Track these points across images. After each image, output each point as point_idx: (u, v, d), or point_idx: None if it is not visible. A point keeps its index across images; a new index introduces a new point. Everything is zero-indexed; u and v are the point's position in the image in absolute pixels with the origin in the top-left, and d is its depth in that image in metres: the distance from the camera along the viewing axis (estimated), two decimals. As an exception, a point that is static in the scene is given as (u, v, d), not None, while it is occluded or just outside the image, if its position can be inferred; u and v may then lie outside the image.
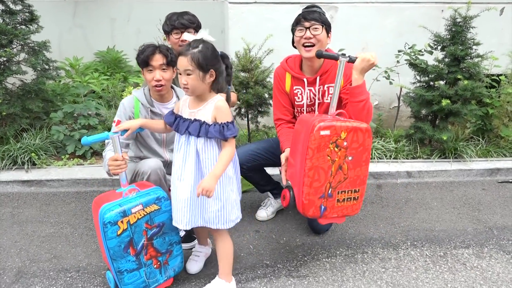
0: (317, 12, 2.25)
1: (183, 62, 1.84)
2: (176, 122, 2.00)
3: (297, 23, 2.28)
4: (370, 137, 2.08)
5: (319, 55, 2.22)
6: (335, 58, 2.20)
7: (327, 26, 2.27)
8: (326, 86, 2.39)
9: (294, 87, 2.44)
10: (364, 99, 2.14)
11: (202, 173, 1.96)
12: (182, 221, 1.99)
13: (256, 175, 2.68)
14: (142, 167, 2.21)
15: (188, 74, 1.85)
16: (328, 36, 2.29)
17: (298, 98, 2.45)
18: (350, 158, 2.05)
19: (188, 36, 1.96)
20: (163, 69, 2.22)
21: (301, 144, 2.05)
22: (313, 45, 2.25)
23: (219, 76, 1.92)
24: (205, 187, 1.83)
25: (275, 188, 2.86)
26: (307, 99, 2.43)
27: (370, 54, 2.09)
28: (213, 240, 2.20)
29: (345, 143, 2.02)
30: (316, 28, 2.23)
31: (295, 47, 2.37)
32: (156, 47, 2.20)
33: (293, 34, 2.33)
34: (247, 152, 2.55)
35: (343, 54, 2.15)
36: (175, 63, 2.18)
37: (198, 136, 1.91)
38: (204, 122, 1.91)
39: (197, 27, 2.60)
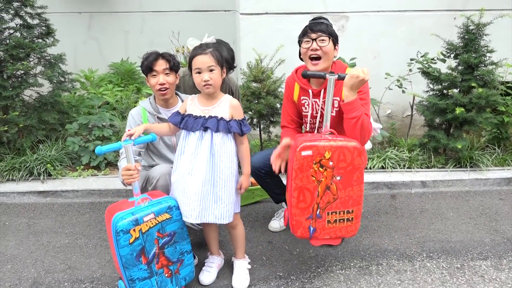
0: (324, 23, 2.21)
1: (205, 59, 1.98)
2: (184, 121, 2.08)
3: (303, 34, 2.25)
4: (360, 156, 2.01)
5: (304, 76, 2.21)
6: (322, 77, 2.18)
7: (334, 38, 2.23)
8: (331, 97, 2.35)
9: (302, 97, 2.42)
10: (355, 116, 2.09)
11: (215, 167, 2.04)
12: (192, 215, 2.03)
13: (273, 181, 2.62)
14: (152, 172, 2.26)
15: (211, 70, 2.00)
16: (335, 48, 2.25)
17: (305, 108, 2.42)
18: (338, 178, 2.01)
19: (193, 41, 2.04)
20: (167, 73, 2.30)
21: (289, 164, 2.08)
22: (319, 58, 2.21)
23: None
24: (246, 187, 2.13)
25: None
26: (313, 110, 2.39)
27: (360, 70, 2.04)
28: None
29: (330, 163, 1.99)
30: (323, 40, 2.19)
31: (301, 59, 2.35)
32: (159, 53, 2.30)
33: (300, 45, 2.30)
34: (265, 157, 2.49)
35: (331, 72, 2.13)
36: (178, 68, 2.30)
37: (216, 131, 2.02)
38: (221, 118, 2.04)
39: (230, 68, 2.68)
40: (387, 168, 3.57)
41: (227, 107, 2.06)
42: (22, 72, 3.55)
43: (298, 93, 2.44)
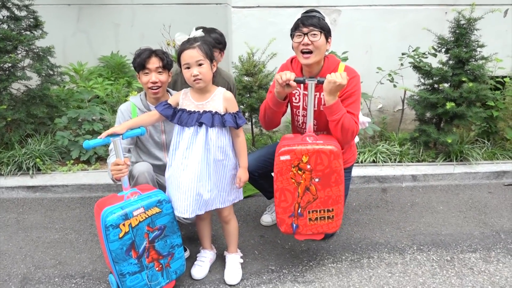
0: (316, 17, 2.17)
1: (193, 54, 1.95)
2: (177, 116, 2.06)
3: (295, 28, 2.21)
4: (337, 159, 2.08)
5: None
6: (302, 82, 2.20)
7: (326, 32, 2.19)
8: (322, 94, 2.28)
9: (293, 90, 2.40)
10: (336, 119, 2.14)
11: (209, 161, 2.05)
12: (188, 210, 2.04)
13: (266, 182, 2.60)
14: (133, 170, 2.24)
15: (200, 65, 1.97)
16: (327, 42, 2.22)
17: (295, 99, 2.40)
18: (317, 179, 2.11)
19: (181, 36, 2.02)
20: (159, 71, 2.26)
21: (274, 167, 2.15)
22: (311, 52, 2.18)
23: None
24: (245, 180, 2.16)
25: None
26: (303, 102, 2.38)
27: (337, 75, 2.07)
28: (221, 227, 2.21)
29: (308, 166, 2.09)
30: (314, 34, 2.14)
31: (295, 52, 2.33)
32: (152, 50, 2.25)
33: (292, 39, 2.26)
34: (257, 159, 2.50)
35: (311, 77, 2.18)
36: (171, 66, 2.27)
37: (211, 126, 2.01)
38: (216, 112, 2.03)
39: (223, 47, 2.71)
40: (378, 162, 3.59)
41: (221, 100, 2.05)
42: (10, 65, 3.48)
43: None
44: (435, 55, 3.64)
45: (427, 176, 3.46)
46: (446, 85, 3.56)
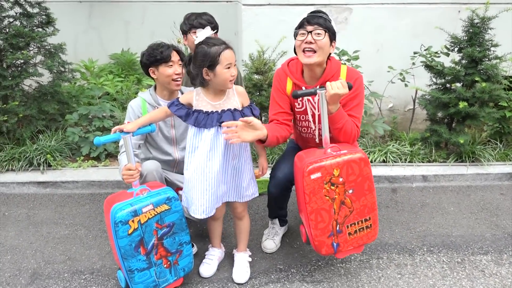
0: (322, 17, 2.10)
1: (232, 54, 1.98)
2: (194, 117, 2.04)
3: (300, 26, 2.14)
4: (367, 165, 2.03)
5: (294, 96, 2.12)
6: (313, 93, 2.10)
7: (331, 34, 2.11)
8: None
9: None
10: (339, 127, 2.12)
11: (229, 159, 2.07)
12: (205, 211, 2.06)
13: (288, 195, 2.47)
14: (142, 168, 2.24)
15: (234, 65, 2.01)
16: (331, 44, 2.13)
17: (298, 104, 2.30)
18: (350, 191, 2.03)
19: (205, 32, 2.00)
20: (180, 64, 2.31)
21: (299, 186, 2.06)
22: (314, 51, 2.09)
23: None
24: (266, 167, 2.29)
25: (286, 214, 2.66)
26: (306, 107, 2.29)
27: (338, 85, 1.98)
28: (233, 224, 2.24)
29: (341, 179, 2.00)
30: (318, 34, 2.06)
31: (296, 52, 2.20)
32: (170, 45, 2.31)
33: (295, 38, 2.16)
34: (291, 166, 2.24)
35: (321, 87, 2.04)
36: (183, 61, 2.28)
37: None
38: (234, 109, 2.04)
39: (214, 27, 2.60)
40: (389, 162, 3.56)
41: (235, 96, 2.07)
42: (22, 61, 3.52)
43: (291, 87, 2.29)
44: (447, 54, 3.59)
45: (438, 176, 3.42)
46: (458, 84, 3.51)
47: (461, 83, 3.53)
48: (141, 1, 4.97)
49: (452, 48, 3.58)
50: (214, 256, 2.35)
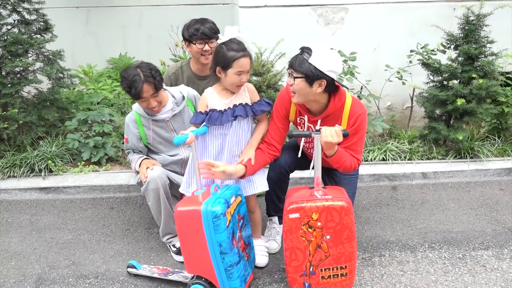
0: (303, 59, 2.01)
1: (248, 63, 2.09)
2: (208, 117, 2.13)
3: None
4: (348, 215, 1.98)
5: (289, 136, 2.20)
6: (307, 136, 2.13)
7: (308, 77, 2.00)
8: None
9: (299, 117, 2.32)
10: (337, 166, 2.16)
11: (232, 152, 2.22)
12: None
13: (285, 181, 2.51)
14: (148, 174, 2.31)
15: (247, 72, 2.10)
16: (312, 86, 2.03)
17: (301, 127, 2.33)
18: (328, 237, 2.00)
19: (231, 33, 2.08)
20: (155, 95, 2.27)
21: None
22: (294, 92, 2.10)
23: None
24: (249, 158, 2.19)
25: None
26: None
27: (332, 133, 1.96)
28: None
29: (319, 224, 1.98)
30: (294, 77, 2.04)
31: None
32: (141, 79, 2.20)
33: None
34: (294, 155, 2.35)
35: (317, 131, 2.02)
36: (161, 85, 2.29)
37: (246, 116, 2.17)
38: (246, 104, 2.18)
39: (216, 33, 2.64)
40: (388, 160, 3.58)
41: (245, 92, 2.21)
42: (21, 68, 3.53)
43: (295, 114, 2.31)
44: (444, 52, 3.62)
45: (438, 173, 3.45)
46: (455, 81, 3.53)
47: (458, 80, 3.55)
48: (137, 5, 4.98)
49: (449, 45, 3.60)
50: (262, 246, 2.45)
